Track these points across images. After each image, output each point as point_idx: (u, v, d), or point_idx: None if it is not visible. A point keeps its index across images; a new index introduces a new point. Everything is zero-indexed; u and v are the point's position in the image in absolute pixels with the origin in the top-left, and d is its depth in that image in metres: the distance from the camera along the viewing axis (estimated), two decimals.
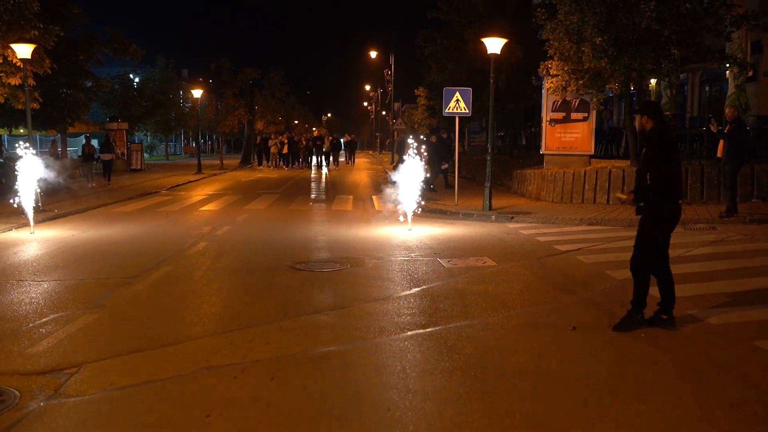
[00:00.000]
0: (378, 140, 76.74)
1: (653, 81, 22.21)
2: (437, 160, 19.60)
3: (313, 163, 38.39)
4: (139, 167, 34.00)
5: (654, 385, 4.66)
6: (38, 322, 6.42)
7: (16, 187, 12.65)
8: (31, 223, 12.69)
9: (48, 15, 18.72)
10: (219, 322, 6.42)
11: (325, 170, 34.67)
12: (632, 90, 20.14)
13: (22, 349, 5.61)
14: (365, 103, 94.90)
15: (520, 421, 4.10)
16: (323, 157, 37.29)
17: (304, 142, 39.90)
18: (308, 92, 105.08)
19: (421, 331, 6.02)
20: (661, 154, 5.70)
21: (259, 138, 40.10)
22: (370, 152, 79.25)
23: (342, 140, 45.55)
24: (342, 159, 42.41)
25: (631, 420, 4.12)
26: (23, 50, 15.45)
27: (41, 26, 16.59)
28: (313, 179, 28.20)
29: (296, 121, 68.25)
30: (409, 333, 5.95)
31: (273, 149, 37.59)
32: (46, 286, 8.09)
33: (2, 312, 6.83)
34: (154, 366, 5.19)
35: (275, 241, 11.39)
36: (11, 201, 12.53)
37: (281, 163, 37.80)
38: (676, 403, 4.36)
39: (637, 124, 6.09)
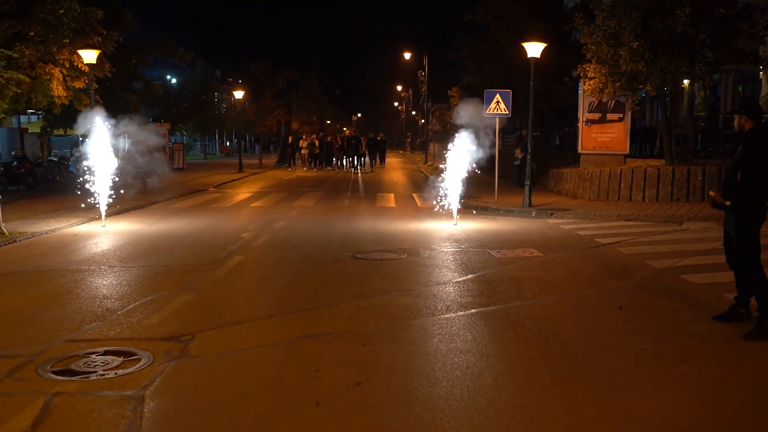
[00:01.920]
0: (408, 140, 77.53)
1: (686, 81, 22.68)
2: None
3: (347, 164, 37.47)
4: (181, 166, 35.15)
5: (696, 353, 5.39)
6: (143, 300, 7.30)
7: (89, 184, 13.62)
8: (103, 216, 13.68)
9: (104, 21, 19.77)
10: (301, 302, 7.24)
11: (360, 171, 34.55)
12: (666, 90, 20.71)
13: (139, 320, 6.49)
14: (395, 103, 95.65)
15: (580, 379, 4.85)
16: (359, 158, 36.62)
17: (339, 142, 38.90)
18: (337, 92, 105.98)
19: (484, 309, 6.80)
20: (758, 154, 5.76)
21: (291, 138, 40.29)
22: (401, 152, 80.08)
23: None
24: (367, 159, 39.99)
25: (675, 379, 4.85)
26: (89, 56, 16.45)
27: (104, 33, 17.61)
28: (351, 179, 29.03)
29: (328, 121, 69.25)
30: (474, 310, 6.74)
31: (304, 150, 36.77)
32: (136, 271, 8.99)
33: (109, 292, 7.73)
34: (256, 335, 6.03)
35: (330, 234, 12.21)
36: (91, 199, 13.50)
37: (313, 163, 36.61)
38: (717, 366, 5.09)
39: (735, 124, 6.15)
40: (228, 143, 68.19)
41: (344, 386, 4.72)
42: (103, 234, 12.49)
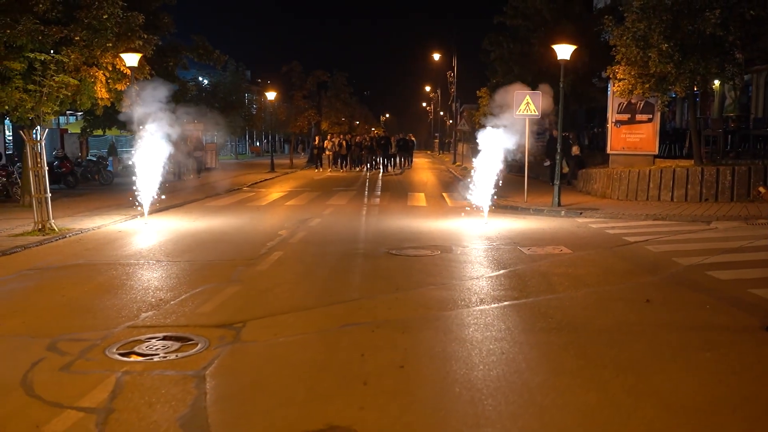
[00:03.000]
0: (436, 141, 77.81)
1: (717, 82, 22.73)
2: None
3: (375, 165, 36.70)
4: (213, 166, 35.85)
5: (718, 342, 5.69)
6: (193, 291, 7.75)
7: (131, 182, 14.21)
8: (146, 214, 14.25)
9: (144, 25, 20.37)
10: (341, 294, 7.65)
11: (390, 171, 33.93)
12: (695, 91, 20.80)
13: (192, 310, 6.94)
14: (423, 104, 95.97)
15: (608, 364, 5.18)
16: (389, 159, 35.77)
17: (368, 141, 38.08)
18: (366, 93, 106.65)
19: (516, 301, 7.14)
20: None
21: (317, 138, 39.99)
22: (428, 152, 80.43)
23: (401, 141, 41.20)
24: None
25: (697, 365, 5.16)
26: (131, 59, 17.04)
27: (145, 37, 18.18)
28: (381, 179, 29.42)
29: (357, 122, 69.76)
30: (506, 303, 7.09)
31: (328, 152, 36.21)
32: (182, 265, 9.47)
33: (160, 284, 8.21)
34: (302, 324, 6.44)
35: (365, 232, 12.61)
36: (132, 197, 14.10)
37: (340, 164, 36.05)
38: (737, 353, 5.38)
39: None
40: (257, 143, 69.02)
41: (388, 368, 5.11)
42: (146, 231, 13.02)
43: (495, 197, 14.46)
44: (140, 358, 5.42)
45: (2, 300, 7.55)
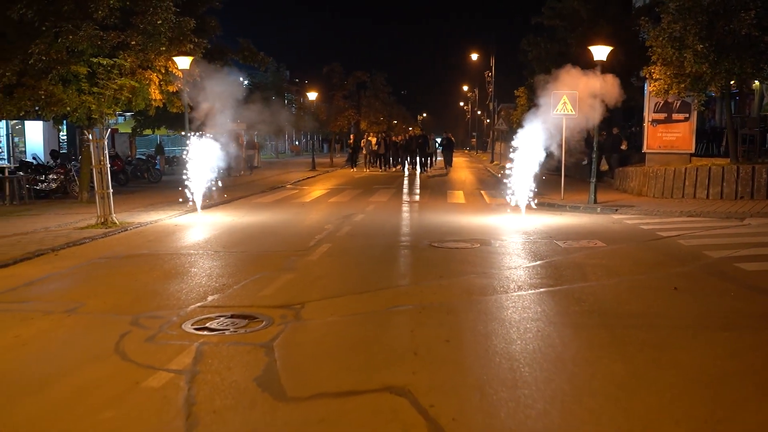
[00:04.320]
0: (474, 140, 78.10)
1: (756, 82, 22.82)
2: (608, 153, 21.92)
3: (413, 164, 35.94)
4: (256, 164, 36.81)
5: (737, 323, 6.18)
6: (252, 278, 8.44)
7: (183, 180, 15.05)
8: (199, 209, 15.10)
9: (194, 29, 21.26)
10: (389, 280, 8.27)
11: (429, 172, 33.19)
12: (735, 90, 20.99)
13: (254, 293, 7.63)
14: (461, 103, 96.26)
15: (636, 342, 5.70)
16: (428, 159, 34.76)
17: (406, 138, 37.14)
18: (403, 92, 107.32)
19: (551, 288, 7.69)
20: None
21: (353, 137, 39.97)
22: (466, 151, 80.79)
23: (440, 139, 40.13)
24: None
25: (715, 342, 5.67)
26: (183, 62, 17.91)
27: (195, 40, 19.04)
28: (419, 178, 29.99)
29: (395, 121, 70.39)
30: (542, 289, 7.64)
31: (364, 150, 35.79)
32: (238, 255, 10.19)
33: (221, 272, 8.92)
34: (355, 306, 7.08)
35: (407, 226, 13.23)
36: (187, 192, 14.96)
37: (375, 163, 35.52)
38: (752, 332, 5.88)
39: None
40: (297, 142, 70.09)
41: (436, 342, 5.71)
42: (200, 225, 13.81)
43: (532, 195, 14.96)
44: (214, 333, 6.11)
45: (82, 284, 8.34)
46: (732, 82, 16.87)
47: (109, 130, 31.53)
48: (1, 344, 5.81)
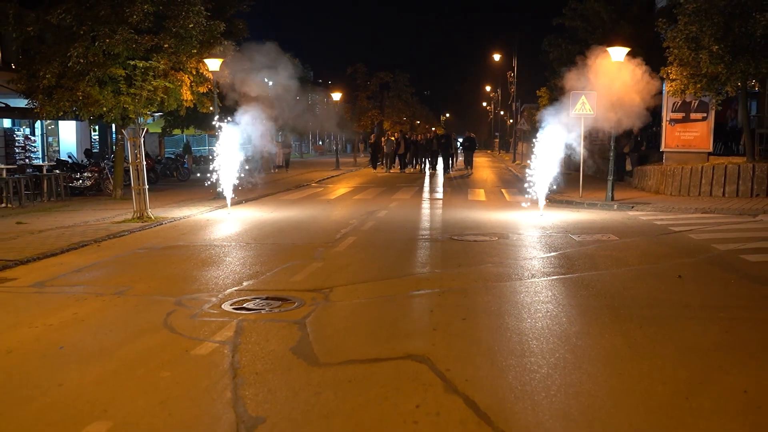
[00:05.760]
0: (497, 140, 78.39)
1: None
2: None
3: (435, 165, 35.62)
4: (281, 163, 37.56)
5: (732, 305, 6.67)
6: (283, 266, 9.06)
7: (213, 178, 15.73)
8: (229, 205, 15.79)
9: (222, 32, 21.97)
10: (411, 269, 8.84)
11: (451, 172, 32.71)
12: (755, 90, 21.27)
13: (285, 279, 8.25)
14: (484, 104, 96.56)
15: (635, 319, 6.22)
16: (450, 159, 34.21)
17: (427, 137, 36.36)
18: (426, 92, 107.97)
19: (563, 276, 8.22)
20: None
21: (373, 137, 39.38)
22: (488, 151, 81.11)
23: (461, 139, 38.88)
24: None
25: (710, 320, 6.18)
26: (213, 64, 18.62)
27: (225, 43, 19.74)
28: (441, 177, 30.51)
29: (418, 121, 71.01)
30: (554, 277, 8.17)
31: (385, 149, 35.01)
32: (269, 247, 10.82)
33: (253, 261, 9.56)
34: (380, 290, 7.66)
35: (429, 221, 13.79)
36: (217, 189, 15.67)
37: (399, 163, 34.98)
38: (746, 312, 6.37)
39: None
40: (320, 142, 70.94)
41: (453, 320, 6.28)
42: (231, 220, 14.47)
43: (551, 193, 15.42)
44: (251, 311, 6.72)
45: (126, 270, 9.01)
46: (753, 82, 17.19)
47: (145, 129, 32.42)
48: (62, 320, 6.47)
